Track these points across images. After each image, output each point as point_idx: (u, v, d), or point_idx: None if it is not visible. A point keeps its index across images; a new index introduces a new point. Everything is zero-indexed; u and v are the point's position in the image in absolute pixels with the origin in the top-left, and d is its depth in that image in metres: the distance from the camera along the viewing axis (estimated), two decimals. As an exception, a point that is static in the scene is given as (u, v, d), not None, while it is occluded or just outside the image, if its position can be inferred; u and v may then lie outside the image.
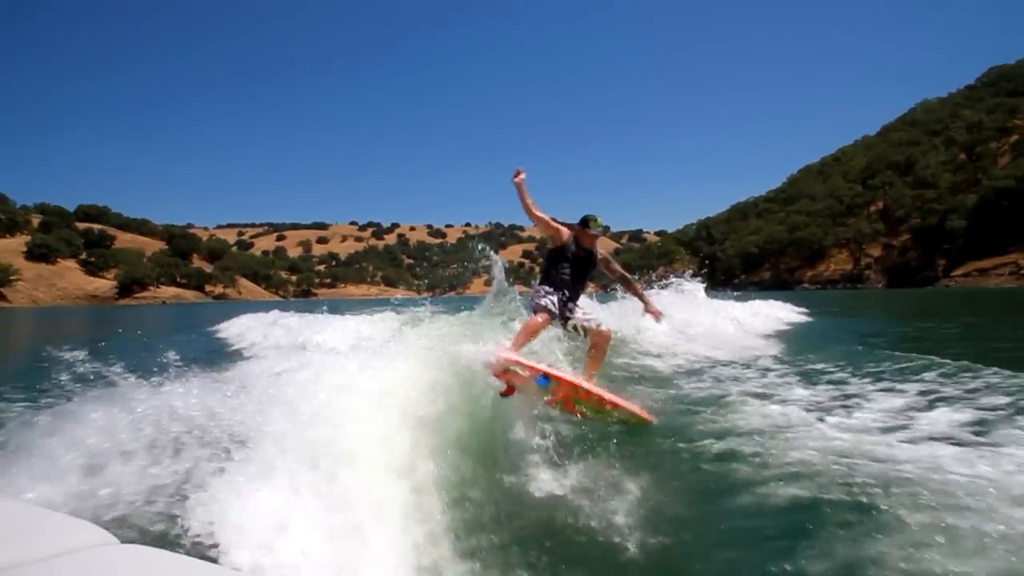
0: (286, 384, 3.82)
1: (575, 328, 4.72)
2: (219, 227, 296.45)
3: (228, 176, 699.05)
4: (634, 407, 4.48)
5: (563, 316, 4.64)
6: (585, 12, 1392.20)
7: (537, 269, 5.50)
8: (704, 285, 13.96)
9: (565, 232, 4.86)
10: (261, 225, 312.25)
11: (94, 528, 1.43)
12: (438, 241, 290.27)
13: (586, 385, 4.30)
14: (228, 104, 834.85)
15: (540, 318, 4.47)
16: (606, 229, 4.46)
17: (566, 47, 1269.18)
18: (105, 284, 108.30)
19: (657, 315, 5.27)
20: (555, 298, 4.57)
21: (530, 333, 4.46)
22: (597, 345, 4.71)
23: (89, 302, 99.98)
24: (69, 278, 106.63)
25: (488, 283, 5.97)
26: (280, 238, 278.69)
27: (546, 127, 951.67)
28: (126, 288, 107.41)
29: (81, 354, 4.13)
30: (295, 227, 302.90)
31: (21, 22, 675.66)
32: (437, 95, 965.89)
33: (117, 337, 17.92)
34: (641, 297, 5.32)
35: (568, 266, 4.71)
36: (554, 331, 4.93)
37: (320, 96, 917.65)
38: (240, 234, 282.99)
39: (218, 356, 11.02)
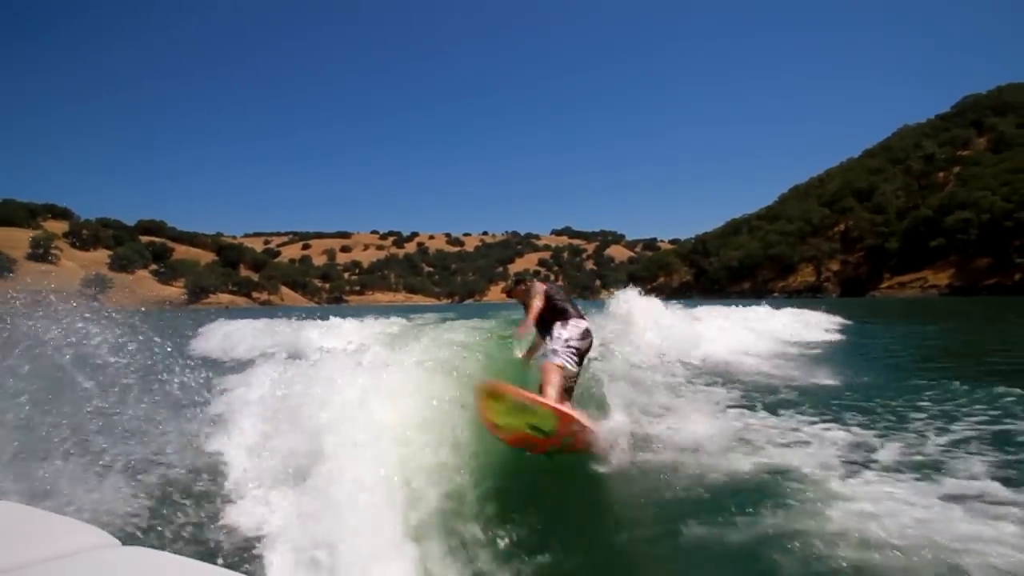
0: (290, 387, 3.73)
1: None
2: (246, 235, 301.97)
3: (252, 185, 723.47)
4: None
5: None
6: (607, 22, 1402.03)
7: (553, 276, 9.67)
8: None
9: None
10: (286, 234, 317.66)
11: (94, 530, 1.41)
12: (456, 249, 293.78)
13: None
14: (252, 117, 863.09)
15: None
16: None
17: (582, 54, 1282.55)
18: (176, 291, 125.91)
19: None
20: None
21: None
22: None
23: (163, 308, 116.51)
24: (146, 286, 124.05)
25: (504, 291, 5.98)
26: (305, 247, 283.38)
27: (559, 134, 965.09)
28: (195, 295, 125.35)
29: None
30: (319, 236, 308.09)
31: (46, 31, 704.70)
32: (450, 103, 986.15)
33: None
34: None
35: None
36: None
37: (339, 111, 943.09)
38: (266, 243, 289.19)
39: (225, 358, 11.17)
